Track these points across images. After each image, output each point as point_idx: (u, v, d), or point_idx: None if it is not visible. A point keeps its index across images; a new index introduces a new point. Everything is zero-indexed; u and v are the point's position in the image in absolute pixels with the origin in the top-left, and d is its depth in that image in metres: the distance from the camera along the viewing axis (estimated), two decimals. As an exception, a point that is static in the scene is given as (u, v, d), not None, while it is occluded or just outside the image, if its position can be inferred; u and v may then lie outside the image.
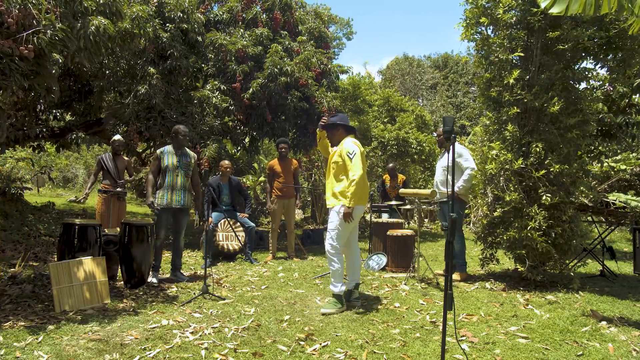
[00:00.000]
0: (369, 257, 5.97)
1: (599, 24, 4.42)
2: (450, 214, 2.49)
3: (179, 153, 4.82)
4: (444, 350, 2.45)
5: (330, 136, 4.16)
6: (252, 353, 2.81)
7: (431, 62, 25.42)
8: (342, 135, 4.11)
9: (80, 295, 3.67)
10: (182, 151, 4.86)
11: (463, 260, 5.16)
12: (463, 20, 4.98)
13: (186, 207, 4.84)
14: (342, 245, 3.95)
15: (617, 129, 5.91)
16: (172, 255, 4.93)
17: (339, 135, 4.11)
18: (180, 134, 4.82)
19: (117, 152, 6.00)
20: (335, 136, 4.12)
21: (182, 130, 4.84)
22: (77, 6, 3.88)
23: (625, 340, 3.14)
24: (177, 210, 4.79)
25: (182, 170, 4.77)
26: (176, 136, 4.82)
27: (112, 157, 5.94)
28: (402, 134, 10.30)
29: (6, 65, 3.49)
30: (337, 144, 4.07)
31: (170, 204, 4.70)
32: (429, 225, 11.86)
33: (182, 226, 4.88)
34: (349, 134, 4.12)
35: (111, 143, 6.06)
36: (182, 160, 4.81)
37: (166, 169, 4.72)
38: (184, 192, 4.78)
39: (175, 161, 4.76)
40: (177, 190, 4.73)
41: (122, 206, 5.93)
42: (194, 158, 4.98)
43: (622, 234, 9.66)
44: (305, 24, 8.72)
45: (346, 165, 3.89)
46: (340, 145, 4.00)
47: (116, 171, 5.87)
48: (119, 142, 6.02)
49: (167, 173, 4.72)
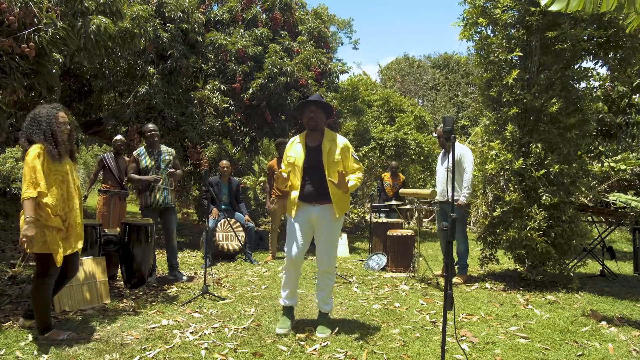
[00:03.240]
0: (369, 257, 5.97)
1: (598, 23, 4.42)
2: (450, 214, 2.48)
3: (155, 152, 4.77)
4: (444, 350, 2.45)
5: (320, 119, 3.29)
6: (252, 353, 2.81)
7: (431, 62, 25.42)
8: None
9: (80, 295, 3.67)
10: (158, 150, 4.80)
11: (465, 263, 5.08)
12: (461, 20, 4.99)
13: (172, 205, 4.83)
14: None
15: (617, 128, 5.91)
16: (168, 255, 4.88)
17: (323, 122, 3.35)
18: (146, 132, 4.76)
19: (118, 152, 6.00)
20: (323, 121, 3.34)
21: (148, 128, 4.76)
22: (78, 5, 3.88)
23: (625, 340, 3.14)
24: (164, 209, 4.79)
25: (160, 169, 4.73)
26: (147, 135, 4.76)
27: (113, 157, 5.94)
28: (401, 135, 10.30)
29: (6, 64, 3.49)
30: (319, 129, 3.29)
31: (155, 204, 4.70)
32: (429, 225, 11.86)
33: (172, 225, 4.86)
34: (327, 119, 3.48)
35: (113, 143, 6.06)
36: (160, 160, 4.76)
37: (145, 170, 4.67)
38: (166, 191, 4.75)
39: (152, 162, 4.72)
40: (159, 190, 4.71)
41: (123, 206, 5.94)
42: (172, 153, 4.92)
43: (622, 234, 9.65)
44: (305, 24, 8.73)
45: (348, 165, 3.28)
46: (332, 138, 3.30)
47: (118, 171, 5.88)
48: (121, 142, 6.02)
49: (146, 174, 4.67)
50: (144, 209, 4.76)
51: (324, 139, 3.29)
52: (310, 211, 3.27)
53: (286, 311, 3.34)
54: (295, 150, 3.33)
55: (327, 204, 3.23)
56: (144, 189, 4.72)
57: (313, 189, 3.23)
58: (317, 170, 3.23)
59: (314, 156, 3.26)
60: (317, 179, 3.23)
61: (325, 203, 3.23)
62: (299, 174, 3.26)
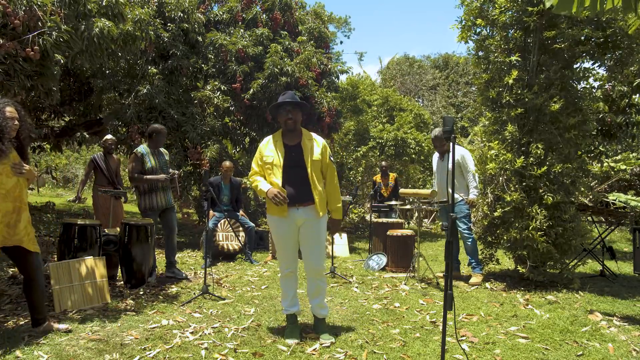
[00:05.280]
0: (369, 257, 5.97)
1: (596, 24, 4.42)
2: (450, 214, 2.49)
3: (157, 152, 4.79)
4: (444, 350, 2.45)
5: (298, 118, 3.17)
6: (252, 353, 2.81)
7: (431, 62, 25.42)
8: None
9: (80, 295, 3.68)
10: (158, 150, 4.83)
11: (477, 260, 5.01)
12: (458, 22, 4.99)
13: (172, 205, 4.90)
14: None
15: (617, 128, 5.91)
16: (167, 252, 4.88)
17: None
18: (163, 134, 4.79)
19: (109, 152, 5.98)
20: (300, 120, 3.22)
21: (158, 129, 4.78)
22: (81, 8, 3.90)
23: (625, 340, 3.14)
24: (165, 209, 4.82)
25: (162, 170, 4.74)
26: (157, 136, 4.75)
27: (103, 157, 5.93)
28: (401, 134, 10.30)
29: (10, 67, 3.50)
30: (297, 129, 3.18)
31: (159, 205, 4.74)
32: (429, 225, 11.86)
33: (173, 223, 4.91)
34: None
35: (103, 142, 6.02)
36: (161, 160, 4.79)
37: (149, 171, 4.64)
38: (167, 191, 4.82)
39: (156, 162, 4.73)
40: (161, 191, 4.75)
41: (119, 204, 5.91)
42: (167, 154, 4.98)
43: (622, 234, 9.65)
44: (305, 24, 8.73)
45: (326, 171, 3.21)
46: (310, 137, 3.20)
47: (108, 171, 5.87)
48: (112, 142, 6.01)
49: (151, 175, 4.65)
50: (147, 210, 4.74)
51: (303, 137, 3.17)
52: (294, 215, 3.09)
53: (291, 319, 3.20)
54: (272, 150, 3.13)
55: (309, 205, 3.10)
56: (148, 190, 4.70)
57: (294, 190, 3.06)
58: (298, 169, 3.09)
59: (294, 155, 3.11)
60: (297, 180, 3.08)
61: (308, 204, 3.09)
62: (278, 174, 3.07)
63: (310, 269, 3.16)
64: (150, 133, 4.78)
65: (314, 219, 3.11)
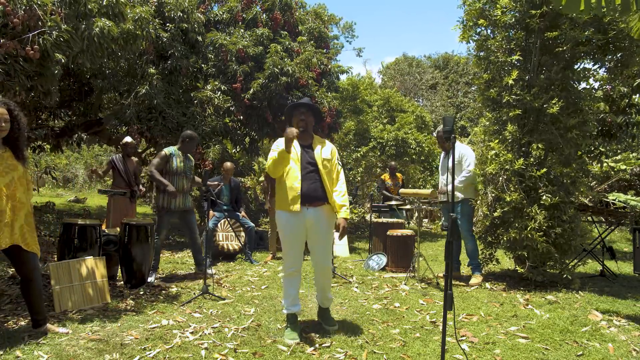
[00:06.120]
0: (369, 257, 5.97)
1: (597, 25, 4.42)
2: (450, 214, 2.49)
3: (185, 156, 4.91)
4: (444, 350, 2.45)
5: (310, 122, 3.31)
6: (252, 353, 2.81)
7: (431, 62, 25.43)
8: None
9: (80, 295, 3.68)
10: (187, 155, 4.96)
11: (477, 261, 5.01)
12: (460, 23, 4.99)
13: (190, 208, 4.99)
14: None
15: (618, 129, 5.91)
16: (193, 252, 5.08)
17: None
18: (195, 141, 4.92)
19: (128, 155, 6.01)
20: (312, 125, 3.35)
21: (197, 139, 4.96)
22: (81, 7, 3.89)
23: (625, 340, 3.14)
24: (183, 211, 4.90)
25: (186, 174, 4.87)
26: (190, 141, 4.87)
27: (122, 159, 5.96)
28: (401, 134, 10.30)
29: (10, 67, 3.49)
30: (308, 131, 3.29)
31: (177, 207, 4.79)
32: (429, 225, 11.86)
33: (193, 225, 5.02)
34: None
35: (123, 146, 6.02)
36: (187, 164, 4.91)
37: (174, 172, 4.77)
38: (187, 194, 4.93)
39: (182, 165, 4.83)
40: (182, 194, 4.82)
41: (132, 207, 5.97)
42: (193, 160, 5.11)
43: (622, 234, 9.66)
44: (305, 24, 8.72)
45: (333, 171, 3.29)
46: (321, 141, 3.34)
47: (126, 174, 5.89)
48: (132, 146, 6.03)
49: (174, 176, 4.76)
50: (163, 209, 4.78)
51: (315, 139, 3.31)
52: (304, 213, 3.13)
53: (291, 319, 3.19)
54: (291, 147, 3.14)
55: (320, 205, 3.16)
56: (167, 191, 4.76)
57: (306, 190, 3.12)
58: (310, 168, 3.16)
59: (306, 154, 3.22)
60: (309, 179, 3.14)
61: (318, 205, 3.16)
62: (297, 169, 3.14)
63: (318, 266, 3.28)
64: (183, 138, 4.89)
65: (325, 219, 3.21)
